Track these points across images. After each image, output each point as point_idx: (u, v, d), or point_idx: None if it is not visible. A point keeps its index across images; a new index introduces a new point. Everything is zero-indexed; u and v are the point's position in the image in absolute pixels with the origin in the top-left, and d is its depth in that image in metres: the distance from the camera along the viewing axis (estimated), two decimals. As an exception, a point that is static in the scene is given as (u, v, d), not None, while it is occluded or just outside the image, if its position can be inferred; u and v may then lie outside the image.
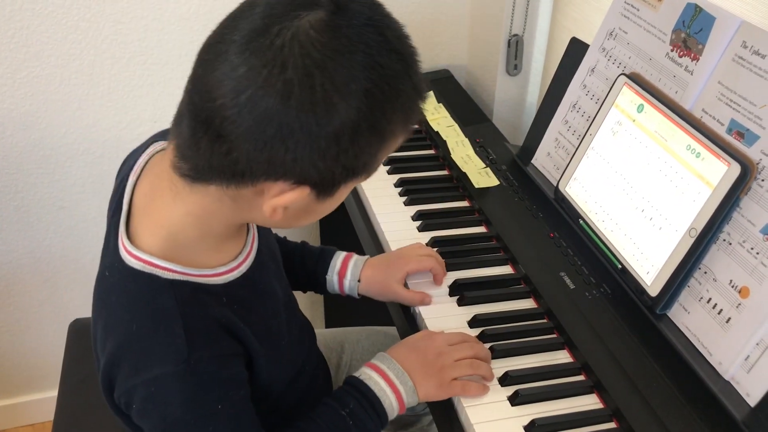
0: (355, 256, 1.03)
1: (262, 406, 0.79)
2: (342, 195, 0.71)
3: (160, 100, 1.44)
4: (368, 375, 0.84)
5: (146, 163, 0.76)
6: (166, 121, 0.72)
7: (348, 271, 1.01)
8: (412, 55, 0.66)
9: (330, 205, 0.72)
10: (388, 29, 0.64)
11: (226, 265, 0.75)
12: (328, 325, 1.84)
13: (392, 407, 0.83)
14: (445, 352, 0.86)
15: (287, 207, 0.68)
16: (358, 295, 1.02)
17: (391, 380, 0.83)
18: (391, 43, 0.63)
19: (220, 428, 0.73)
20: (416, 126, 0.72)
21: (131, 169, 0.76)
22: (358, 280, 1.01)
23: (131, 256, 0.71)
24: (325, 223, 1.64)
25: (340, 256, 1.03)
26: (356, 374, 0.85)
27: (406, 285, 1.00)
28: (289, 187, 0.65)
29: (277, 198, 0.66)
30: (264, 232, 0.86)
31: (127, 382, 0.71)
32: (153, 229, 0.72)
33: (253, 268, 0.79)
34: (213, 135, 0.63)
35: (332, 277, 1.02)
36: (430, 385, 0.84)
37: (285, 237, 1.08)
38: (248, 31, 0.61)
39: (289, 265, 1.03)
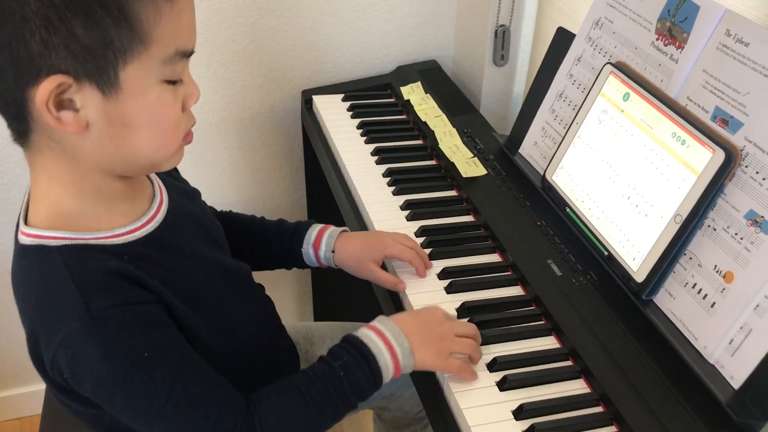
0: (330, 228, 1.03)
1: None
2: (142, 87, 0.67)
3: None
4: (364, 333, 0.84)
5: None
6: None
7: (322, 243, 1.01)
8: None
9: (134, 104, 0.67)
10: None
11: (125, 227, 0.76)
12: (317, 319, 1.84)
13: (387, 366, 0.82)
14: (446, 325, 0.86)
15: (89, 122, 0.66)
16: (336, 266, 1.02)
17: (388, 339, 0.83)
18: None
19: (159, 376, 0.71)
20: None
21: None
22: (333, 251, 1.01)
23: (24, 234, 0.73)
24: (313, 212, 1.64)
25: (315, 229, 1.03)
26: (353, 333, 0.85)
27: (385, 267, 1.00)
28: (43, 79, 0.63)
29: (38, 96, 0.64)
30: (182, 203, 0.86)
31: (48, 353, 0.71)
32: (37, 207, 0.74)
33: (161, 229, 0.79)
34: None
35: (308, 249, 1.02)
36: (429, 352, 0.83)
37: (263, 217, 1.08)
38: None
39: (266, 243, 1.03)
